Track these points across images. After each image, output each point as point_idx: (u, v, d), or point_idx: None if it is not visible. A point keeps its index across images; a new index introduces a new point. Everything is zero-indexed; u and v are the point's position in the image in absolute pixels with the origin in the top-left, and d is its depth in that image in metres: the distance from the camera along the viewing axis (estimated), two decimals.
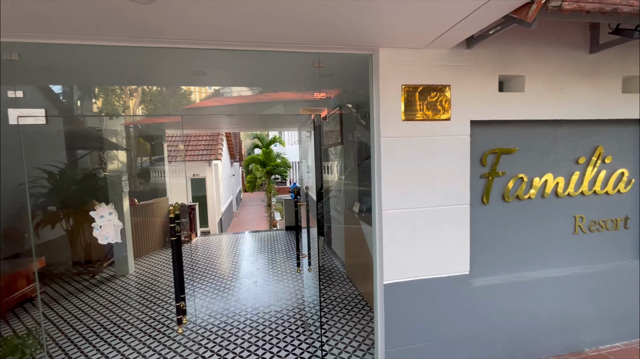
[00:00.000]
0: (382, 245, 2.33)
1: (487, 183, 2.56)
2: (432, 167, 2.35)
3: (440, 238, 2.41)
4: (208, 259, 5.64)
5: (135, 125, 7.84)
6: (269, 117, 5.88)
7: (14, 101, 2.00)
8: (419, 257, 2.38)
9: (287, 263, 5.19)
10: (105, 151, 6.43)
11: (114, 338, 3.17)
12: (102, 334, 3.25)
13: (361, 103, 4.31)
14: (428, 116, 2.32)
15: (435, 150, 2.35)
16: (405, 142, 2.30)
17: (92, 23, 1.75)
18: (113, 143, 6.81)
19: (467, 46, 2.33)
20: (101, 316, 3.64)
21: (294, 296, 3.98)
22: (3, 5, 1.56)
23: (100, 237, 2.28)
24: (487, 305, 2.52)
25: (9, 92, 1.99)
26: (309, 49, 2.20)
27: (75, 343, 3.11)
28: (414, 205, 2.35)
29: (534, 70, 2.44)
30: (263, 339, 3.08)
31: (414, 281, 2.39)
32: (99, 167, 6.06)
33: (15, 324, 3.54)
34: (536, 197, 2.65)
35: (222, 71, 2.88)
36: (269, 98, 4.53)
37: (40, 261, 4.20)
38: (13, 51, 1.96)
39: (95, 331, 3.33)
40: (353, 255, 4.30)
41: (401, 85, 2.27)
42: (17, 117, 1.98)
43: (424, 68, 2.30)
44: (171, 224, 2.01)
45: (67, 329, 3.38)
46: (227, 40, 2.03)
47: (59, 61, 2.49)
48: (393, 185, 2.31)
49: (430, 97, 2.32)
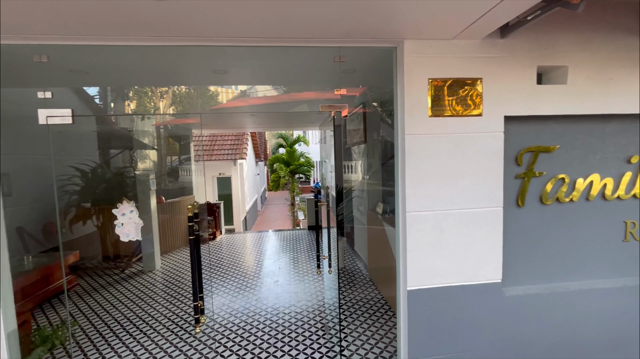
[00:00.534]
0: (406, 248, 2.20)
1: (522, 184, 2.35)
2: (461, 166, 2.18)
3: (469, 242, 2.24)
4: (231, 257, 5.70)
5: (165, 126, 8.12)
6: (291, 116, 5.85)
7: (43, 102, 2.07)
8: (446, 263, 2.23)
9: (309, 263, 5.13)
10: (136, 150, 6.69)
11: (138, 332, 3.25)
12: (128, 328, 3.35)
13: (385, 101, 4.16)
14: (457, 112, 2.16)
15: (465, 148, 2.18)
16: (431, 139, 2.15)
17: (115, 23, 1.76)
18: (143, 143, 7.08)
19: (501, 35, 2.14)
20: (128, 309, 3.76)
21: (315, 297, 3.91)
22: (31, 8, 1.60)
23: (122, 234, 2.32)
24: (521, 317, 2.32)
25: (38, 93, 2.06)
26: (329, 42, 2.12)
27: (103, 335, 3.22)
28: (441, 207, 2.19)
29: (579, 60, 2.21)
30: (282, 341, 3.04)
31: (440, 288, 2.24)
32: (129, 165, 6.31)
33: (50, 315, 3.73)
34: (579, 200, 2.41)
35: (242, 69, 2.86)
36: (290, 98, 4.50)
37: (75, 254, 4.41)
38: (42, 53, 2.02)
39: (122, 324, 3.43)
40: (376, 258, 4.16)
41: (428, 79, 2.13)
42: (47, 117, 2.05)
43: (452, 61, 2.15)
44: (189, 223, 2.00)
45: (97, 321, 3.51)
46: (246, 36, 1.99)
47: (88, 63, 2.57)
48: (418, 186, 2.17)
49: (460, 91, 2.15)
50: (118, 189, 5.31)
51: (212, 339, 3.09)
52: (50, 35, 1.91)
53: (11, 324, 2.14)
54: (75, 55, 2.37)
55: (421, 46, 2.11)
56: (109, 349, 2.99)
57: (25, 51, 2.03)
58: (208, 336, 3.15)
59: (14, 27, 1.80)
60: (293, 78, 3.32)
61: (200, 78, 3.20)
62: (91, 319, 3.57)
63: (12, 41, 1.94)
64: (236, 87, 5.10)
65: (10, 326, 2.13)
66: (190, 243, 2.07)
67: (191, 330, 3.26)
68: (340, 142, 3.74)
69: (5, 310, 2.09)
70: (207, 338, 3.12)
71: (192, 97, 6.30)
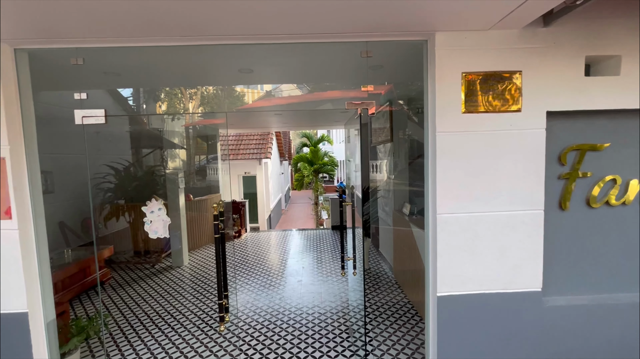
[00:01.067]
0: (437, 252, 2.09)
1: (566, 186, 2.16)
2: (497, 166, 2.04)
3: (505, 247, 2.09)
4: (256, 255, 5.76)
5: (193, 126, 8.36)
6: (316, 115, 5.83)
7: (80, 103, 2.15)
8: (480, 268, 2.09)
9: (333, 264, 5.08)
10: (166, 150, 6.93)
11: (166, 326, 3.34)
12: (156, 321, 3.45)
13: (413, 98, 4.02)
14: (493, 107, 2.02)
15: (502, 147, 2.04)
16: (465, 137, 2.03)
17: (147, 24, 1.80)
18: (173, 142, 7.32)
19: (543, 24, 1.98)
20: (157, 303, 3.88)
21: (339, 299, 3.85)
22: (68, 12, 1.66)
23: (150, 232, 2.38)
24: (564, 329, 2.14)
25: (75, 95, 2.15)
26: (356, 37, 2.05)
27: (134, 327, 3.33)
28: (475, 209, 2.06)
29: (634, 49, 1.99)
30: (305, 341, 3.00)
31: (472, 295, 2.11)
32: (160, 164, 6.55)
33: (87, 306, 3.92)
34: (633, 203, 2.18)
35: (267, 67, 2.85)
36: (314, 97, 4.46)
37: (109, 249, 4.63)
38: (79, 56, 2.10)
39: (151, 317, 3.54)
40: (402, 260, 4.04)
41: (461, 73, 2.00)
42: (82, 117, 2.13)
43: (488, 53, 2.01)
44: (215, 221, 2.01)
45: (128, 313, 3.65)
46: (271, 33, 1.97)
47: (120, 64, 2.66)
48: (450, 186, 2.05)
49: (497, 85, 2.01)
50: (149, 187, 5.52)
51: (237, 336, 3.11)
52: (86, 39, 1.98)
53: (50, 314, 2.25)
54: (109, 57, 2.46)
55: (454, 38, 1.99)
56: (139, 341, 3.09)
57: (64, 54, 2.12)
58: (232, 333, 3.18)
59: (53, 31, 1.88)
60: (318, 76, 3.27)
61: (227, 78, 3.24)
62: (123, 311, 3.71)
63: (51, 45, 2.04)
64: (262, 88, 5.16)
65: (50, 316, 2.24)
66: (215, 241, 2.07)
67: (216, 327, 3.31)
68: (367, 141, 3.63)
69: (45, 301, 2.20)
70: (232, 335, 3.15)
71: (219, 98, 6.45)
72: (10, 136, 2.02)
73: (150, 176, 5.83)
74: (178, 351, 2.91)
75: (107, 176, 5.10)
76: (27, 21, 1.75)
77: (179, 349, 2.94)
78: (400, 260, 4.10)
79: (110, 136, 5.62)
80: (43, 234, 2.22)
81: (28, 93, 2.14)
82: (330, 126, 10.03)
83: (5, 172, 2.02)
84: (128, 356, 2.86)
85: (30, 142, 2.15)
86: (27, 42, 2.00)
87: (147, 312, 3.68)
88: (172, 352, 2.91)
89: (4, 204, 2.03)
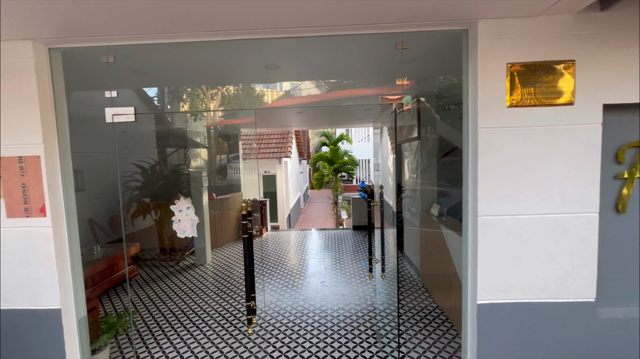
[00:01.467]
0: (477, 257, 1.95)
1: (624, 186, 1.96)
2: (546, 164, 1.87)
3: (554, 253, 1.92)
4: (277, 254, 5.73)
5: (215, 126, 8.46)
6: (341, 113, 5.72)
7: (110, 102, 2.15)
8: (526, 275, 1.93)
9: (355, 265, 4.97)
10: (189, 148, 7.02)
11: (191, 325, 3.34)
12: (181, 319, 3.47)
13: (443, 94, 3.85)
14: (542, 100, 1.86)
15: (551, 143, 1.87)
16: (509, 132, 1.87)
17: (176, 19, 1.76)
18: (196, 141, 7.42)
19: (600, 8, 1.79)
20: (182, 301, 3.90)
21: (364, 301, 3.74)
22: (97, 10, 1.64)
23: (179, 231, 2.35)
24: (622, 345, 1.94)
25: (106, 93, 2.15)
26: (391, 28, 1.93)
27: (160, 325, 3.36)
28: (520, 211, 1.90)
29: None
30: (332, 345, 2.92)
31: (517, 303, 1.95)
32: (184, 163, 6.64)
33: (115, 302, 4.00)
34: None
35: (295, 63, 2.78)
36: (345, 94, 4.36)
37: (136, 246, 4.71)
38: (109, 54, 2.10)
39: (176, 314, 3.56)
40: (430, 263, 3.87)
41: (506, 64, 1.85)
42: (112, 115, 2.13)
43: (538, 41, 1.84)
44: (243, 221, 1.95)
45: (154, 310, 3.69)
46: (300, 26, 1.89)
47: (148, 62, 2.66)
48: (492, 186, 1.90)
49: (546, 76, 1.84)
50: (174, 185, 5.60)
51: (261, 338, 3.07)
52: (116, 36, 1.97)
53: (82, 311, 2.27)
54: (138, 55, 2.46)
55: (499, 26, 1.84)
56: (165, 339, 3.10)
57: (95, 53, 2.12)
58: (257, 333, 3.14)
59: (84, 29, 1.88)
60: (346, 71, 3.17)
61: (252, 75, 3.19)
62: (149, 308, 3.76)
63: (83, 44, 2.04)
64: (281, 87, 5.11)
65: (81, 313, 2.26)
66: (243, 241, 2.02)
67: (241, 326, 3.28)
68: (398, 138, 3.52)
69: (77, 298, 2.22)
70: (257, 336, 3.10)
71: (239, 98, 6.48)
72: (44, 135, 2.04)
73: (175, 174, 5.91)
74: (203, 351, 2.90)
75: (134, 174, 5.20)
76: (60, 19, 1.75)
77: (204, 349, 2.92)
78: (428, 263, 3.94)
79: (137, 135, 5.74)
80: (75, 231, 2.24)
81: (62, 92, 2.16)
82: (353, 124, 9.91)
83: (40, 170, 2.05)
84: (155, 354, 2.86)
85: (64, 140, 2.17)
86: (60, 41, 2.01)
87: (173, 310, 3.70)
88: (197, 351, 2.89)
89: (39, 201, 2.06)
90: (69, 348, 2.16)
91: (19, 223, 2.07)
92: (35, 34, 1.92)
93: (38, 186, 2.05)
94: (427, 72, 3.21)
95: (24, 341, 2.12)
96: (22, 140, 2.02)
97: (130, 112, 2.13)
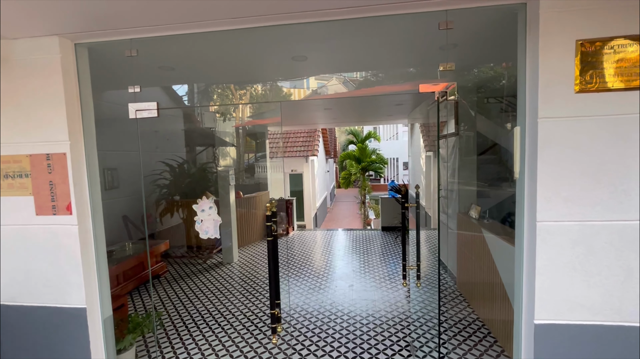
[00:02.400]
0: (535, 269, 1.67)
1: None
2: (624, 160, 1.56)
3: (633, 268, 1.60)
4: (303, 254, 5.60)
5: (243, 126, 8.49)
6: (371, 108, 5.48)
7: (132, 96, 2.09)
8: (596, 293, 1.63)
9: (385, 269, 4.72)
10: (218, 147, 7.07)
11: (217, 326, 3.28)
12: (207, 319, 3.41)
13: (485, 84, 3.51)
14: (620, 84, 1.55)
15: (631, 136, 1.55)
16: (579, 123, 1.58)
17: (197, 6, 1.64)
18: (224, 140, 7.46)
19: None
20: (208, 301, 3.87)
21: (395, 309, 3.50)
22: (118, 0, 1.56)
23: (201, 231, 2.26)
24: None
25: (129, 88, 2.09)
26: (434, 6, 1.70)
27: (186, 324, 3.32)
28: (590, 216, 1.60)
29: None
30: (361, 356, 2.72)
31: (585, 326, 1.65)
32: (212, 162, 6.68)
33: (145, 298, 4.04)
34: None
35: (323, 54, 2.60)
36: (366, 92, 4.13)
37: (165, 244, 4.76)
38: (133, 48, 2.03)
39: (202, 314, 3.52)
40: (469, 270, 3.56)
41: (575, 41, 1.56)
42: (136, 111, 2.07)
43: (613, 13, 1.53)
44: (267, 222, 1.80)
45: (181, 309, 3.67)
46: (329, 7, 1.70)
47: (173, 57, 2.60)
48: (555, 187, 1.62)
49: (627, 55, 1.53)
50: (201, 184, 5.63)
51: (287, 343, 2.93)
52: (140, 27, 1.89)
53: (107, 311, 2.24)
54: (163, 48, 2.39)
55: None
56: (190, 339, 3.05)
57: (119, 47, 2.07)
58: (282, 339, 3.00)
59: (108, 22, 1.82)
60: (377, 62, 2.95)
61: (279, 69, 3.06)
62: (176, 306, 3.75)
63: (107, 37, 1.99)
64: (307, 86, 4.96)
65: (107, 313, 2.23)
66: (268, 244, 1.87)
67: (266, 330, 3.16)
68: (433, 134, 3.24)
69: (103, 298, 2.19)
70: (282, 341, 2.97)
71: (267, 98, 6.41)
72: (70, 131, 2.01)
73: (203, 173, 5.95)
74: (228, 355, 2.80)
75: (163, 172, 5.27)
76: (85, 12, 1.70)
77: (229, 353, 2.83)
78: (467, 270, 3.62)
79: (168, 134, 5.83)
80: (101, 230, 2.21)
81: (87, 89, 2.13)
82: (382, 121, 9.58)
83: (66, 168, 2.02)
84: (180, 355, 2.81)
85: (89, 138, 2.14)
86: (86, 35, 1.97)
87: (199, 308, 3.67)
88: (221, 355, 2.81)
89: (65, 199, 2.04)
90: (94, 347, 2.13)
91: (47, 220, 2.06)
92: (61, 29, 1.89)
93: (64, 184, 2.03)
94: (469, 60, 2.91)
95: (51, 338, 2.12)
96: (49, 137, 2.01)
97: (153, 107, 2.06)
